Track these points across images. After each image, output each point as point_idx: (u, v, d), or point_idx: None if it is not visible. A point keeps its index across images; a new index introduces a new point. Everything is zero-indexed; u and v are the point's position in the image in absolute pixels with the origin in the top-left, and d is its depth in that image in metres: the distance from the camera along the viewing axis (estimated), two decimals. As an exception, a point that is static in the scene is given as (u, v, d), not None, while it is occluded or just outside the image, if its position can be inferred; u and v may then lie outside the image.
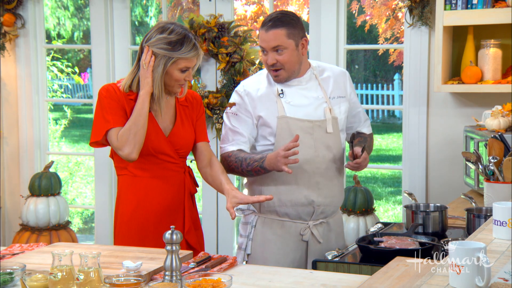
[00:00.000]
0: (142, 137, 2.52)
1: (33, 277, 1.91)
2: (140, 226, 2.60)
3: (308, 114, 2.73)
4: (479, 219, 2.61)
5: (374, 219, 3.84)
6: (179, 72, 2.55)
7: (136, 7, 11.49)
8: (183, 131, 2.66)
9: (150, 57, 2.53)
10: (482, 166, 2.87)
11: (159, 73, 2.53)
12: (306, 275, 2.08)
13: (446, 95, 3.71)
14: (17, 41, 4.46)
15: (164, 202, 2.63)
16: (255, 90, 2.76)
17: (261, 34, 2.70)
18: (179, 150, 2.66)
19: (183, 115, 2.69)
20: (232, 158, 2.72)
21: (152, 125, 2.59)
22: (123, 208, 2.65)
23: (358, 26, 9.14)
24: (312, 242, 2.76)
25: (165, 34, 2.53)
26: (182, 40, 2.53)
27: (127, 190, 2.64)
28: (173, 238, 1.92)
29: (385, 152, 10.58)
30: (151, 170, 2.62)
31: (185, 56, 2.53)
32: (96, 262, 1.86)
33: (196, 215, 2.77)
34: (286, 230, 2.75)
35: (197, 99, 2.76)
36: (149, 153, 2.59)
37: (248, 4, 7.89)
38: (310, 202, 2.72)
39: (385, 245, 2.49)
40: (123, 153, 2.52)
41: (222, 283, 1.83)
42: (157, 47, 2.53)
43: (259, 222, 2.78)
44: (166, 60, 2.53)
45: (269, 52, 2.68)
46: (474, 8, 3.40)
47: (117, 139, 2.52)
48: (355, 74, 13.39)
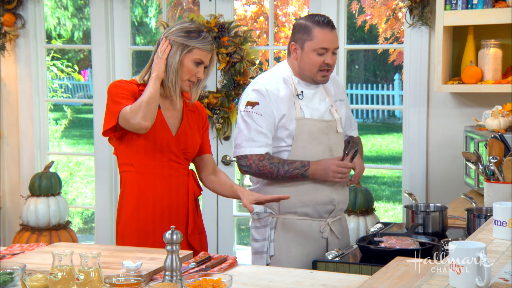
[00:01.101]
0: (155, 108, 2.51)
1: (33, 277, 1.91)
2: (142, 223, 2.61)
3: (321, 116, 2.80)
4: (479, 219, 2.61)
5: (374, 219, 3.84)
6: (192, 63, 2.58)
7: (136, 7, 11.48)
8: (189, 132, 2.69)
9: (166, 45, 2.57)
10: (482, 166, 2.87)
11: (175, 61, 2.57)
12: (306, 275, 2.08)
13: (446, 95, 3.71)
14: (17, 41, 4.46)
15: (167, 200, 2.64)
16: (276, 90, 2.77)
17: (323, 34, 2.70)
18: (185, 151, 2.67)
19: (190, 118, 2.71)
20: (265, 162, 2.71)
21: (160, 121, 2.60)
22: (126, 204, 2.66)
23: (358, 26, 9.14)
24: (331, 239, 2.82)
25: (185, 25, 2.61)
26: (200, 31, 2.60)
27: (130, 186, 2.64)
28: (173, 238, 1.92)
29: (385, 152, 10.58)
30: (156, 167, 2.63)
31: (201, 47, 2.57)
32: (96, 262, 1.86)
33: (200, 219, 2.79)
34: (307, 229, 2.79)
35: (203, 111, 2.81)
36: (156, 149, 2.61)
37: (248, 4, 7.88)
38: (331, 200, 2.79)
39: (385, 245, 2.49)
40: (135, 121, 2.49)
41: (222, 283, 1.83)
42: (175, 35, 2.58)
43: (279, 223, 2.79)
44: (183, 47, 2.57)
45: (330, 52, 2.73)
46: (474, 8, 3.40)
47: (130, 110, 2.50)
48: (355, 74, 13.38)
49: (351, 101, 12.86)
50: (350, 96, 13.20)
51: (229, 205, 4.21)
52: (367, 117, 13.38)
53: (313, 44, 2.71)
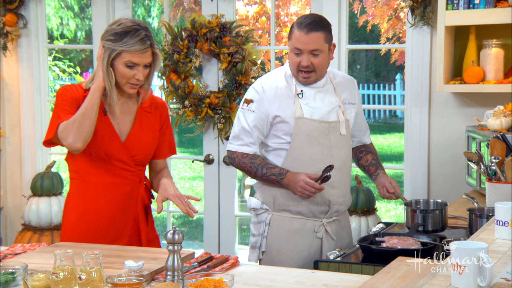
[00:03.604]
0: (88, 127, 2.40)
1: (35, 277, 1.91)
2: (85, 235, 2.51)
3: (322, 116, 2.77)
4: (481, 219, 2.60)
5: (375, 219, 3.84)
6: (124, 66, 2.45)
7: (139, 7, 11.49)
8: (141, 136, 2.57)
9: (101, 50, 2.46)
10: (484, 166, 2.87)
11: (104, 65, 2.45)
12: (308, 275, 2.08)
13: (448, 95, 3.71)
14: (19, 41, 4.47)
15: (113, 211, 2.53)
16: (273, 88, 2.77)
17: (299, 35, 2.68)
18: (135, 157, 2.56)
19: (144, 121, 2.59)
20: (246, 160, 2.76)
21: (107, 128, 2.50)
22: (69, 213, 2.57)
23: (360, 26, 9.14)
24: (326, 239, 2.81)
25: (115, 25, 2.47)
26: (127, 32, 2.43)
27: (75, 195, 2.56)
28: (175, 238, 1.92)
29: (387, 152, 10.57)
30: (102, 176, 2.53)
31: (128, 49, 2.42)
32: (98, 262, 1.86)
33: (151, 228, 2.68)
34: (300, 228, 2.79)
35: (163, 107, 2.67)
36: (101, 157, 2.51)
37: (250, 4, 7.88)
38: (326, 201, 2.77)
39: (387, 245, 2.48)
40: (66, 143, 2.41)
41: (224, 283, 1.83)
42: (104, 39, 2.47)
43: (273, 220, 2.81)
44: (110, 52, 2.44)
45: (305, 54, 2.69)
46: (476, 8, 3.39)
47: (62, 129, 2.41)
48: (357, 74, 13.38)
49: (352, 101, 12.84)
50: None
51: (230, 205, 4.21)
52: (368, 117, 13.38)
53: (291, 44, 2.72)
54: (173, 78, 4.05)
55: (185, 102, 4.04)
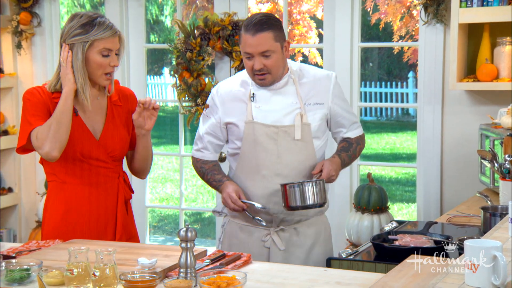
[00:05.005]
0: (64, 135, 2.38)
1: (50, 273, 1.92)
2: (66, 236, 2.47)
3: (276, 120, 2.63)
4: (494, 217, 2.59)
5: (388, 217, 3.83)
6: (99, 56, 2.43)
7: (151, 6, 11.52)
8: (115, 132, 2.55)
9: (67, 52, 2.43)
10: (498, 164, 2.85)
11: (79, 61, 2.42)
12: (320, 273, 2.08)
13: (461, 93, 3.69)
14: (34, 40, 4.50)
15: (95, 211, 2.52)
16: (227, 92, 2.71)
17: (245, 38, 2.55)
18: (112, 153, 2.54)
19: (115, 115, 2.56)
20: (198, 165, 2.81)
21: (80, 128, 2.47)
22: (49, 216, 2.54)
23: (372, 24, 9.10)
24: (274, 249, 2.71)
25: (76, 20, 2.44)
26: (93, 21, 2.43)
27: (55, 198, 2.53)
28: (188, 236, 1.93)
29: (400, 151, 10.53)
30: (80, 177, 2.50)
31: (101, 36, 2.41)
32: (112, 259, 1.87)
33: (131, 222, 2.65)
34: (248, 235, 2.74)
35: (131, 96, 2.64)
36: (78, 158, 2.48)
37: (262, 2, 7.89)
38: (266, 209, 2.65)
39: (399, 243, 2.48)
40: (42, 152, 2.38)
41: (237, 280, 1.83)
42: (70, 36, 2.43)
43: (228, 225, 2.81)
44: (83, 45, 2.42)
45: (256, 57, 2.56)
46: (490, 5, 3.37)
47: (36, 137, 2.38)
48: (369, 72, 13.35)
49: (364, 99, 12.82)
50: (364, 94, 13.17)
51: (243, 203, 4.21)
52: (381, 115, 13.33)
53: (241, 48, 2.61)
54: (186, 76, 4.06)
55: (197, 100, 4.05)
